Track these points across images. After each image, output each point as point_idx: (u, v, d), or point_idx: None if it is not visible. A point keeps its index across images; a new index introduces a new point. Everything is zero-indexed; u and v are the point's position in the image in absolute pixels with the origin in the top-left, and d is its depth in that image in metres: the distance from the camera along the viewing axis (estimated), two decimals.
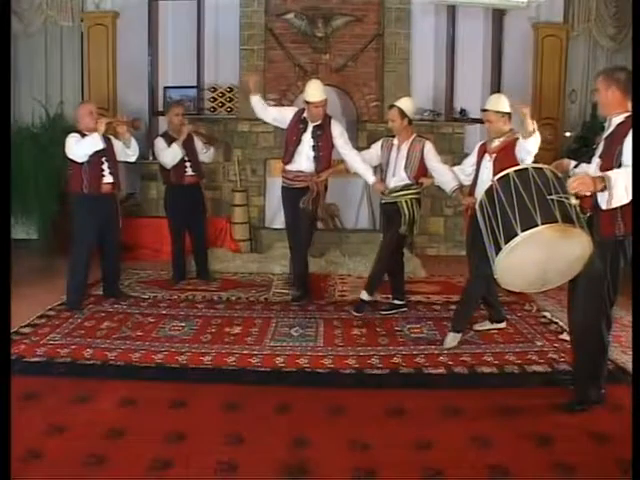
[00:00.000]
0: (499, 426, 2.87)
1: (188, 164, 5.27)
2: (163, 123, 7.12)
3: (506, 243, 2.90)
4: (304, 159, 4.75)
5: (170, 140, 5.18)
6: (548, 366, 3.59)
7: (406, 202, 4.43)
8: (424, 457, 2.60)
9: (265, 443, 2.69)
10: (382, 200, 4.62)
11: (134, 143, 4.81)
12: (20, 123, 6.39)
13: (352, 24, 6.82)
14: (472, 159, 4.22)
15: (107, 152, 4.57)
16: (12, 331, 3.92)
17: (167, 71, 7.31)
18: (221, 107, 7.16)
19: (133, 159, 4.94)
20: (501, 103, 3.99)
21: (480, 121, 7.07)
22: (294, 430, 2.80)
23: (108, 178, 4.59)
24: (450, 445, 2.69)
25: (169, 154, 5.14)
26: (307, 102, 4.71)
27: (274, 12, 6.82)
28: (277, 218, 6.98)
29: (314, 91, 4.67)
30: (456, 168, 4.41)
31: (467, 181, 4.26)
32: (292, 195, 4.84)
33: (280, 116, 4.95)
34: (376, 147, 4.68)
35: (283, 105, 6.89)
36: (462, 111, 7.17)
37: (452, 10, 7.12)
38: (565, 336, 3.87)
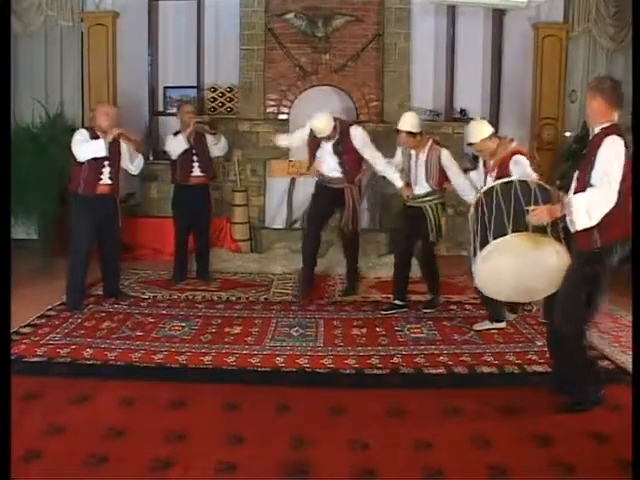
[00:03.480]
0: (499, 426, 2.87)
1: (196, 164, 5.26)
2: (163, 123, 7.16)
3: None
4: (331, 171, 4.86)
5: None
6: (548, 366, 3.57)
7: (431, 207, 4.48)
8: (424, 457, 2.60)
9: (265, 443, 2.69)
10: (406, 203, 4.63)
11: (138, 160, 4.84)
12: (20, 123, 6.39)
13: (352, 24, 6.83)
14: (480, 170, 4.22)
15: (111, 157, 4.57)
16: (12, 331, 3.92)
17: (167, 71, 7.31)
18: (221, 107, 7.16)
19: (134, 173, 4.98)
20: (482, 130, 3.95)
21: None
22: (294, 430, 2.80)
23: (106, 181, 4.59)
24: (450, 445, 2.69)
25: (173, 143, 5.16)
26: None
27: (274, 12, 6.82)
28: (277, 218, 6.99)
29: (320, 127, 4.70)
30: (473, 173, 4.40)
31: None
32: (325, 191, 4.95)
33: (302, 138, 5.05)
34: (398, 154, 4.73)
35: (283, 105, 6.93)
36: (462, 111, 7.18)
37: (452, 10, 7.12)
38: None
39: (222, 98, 7.16)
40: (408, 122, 4.42)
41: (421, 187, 4.49)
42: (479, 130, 3.97)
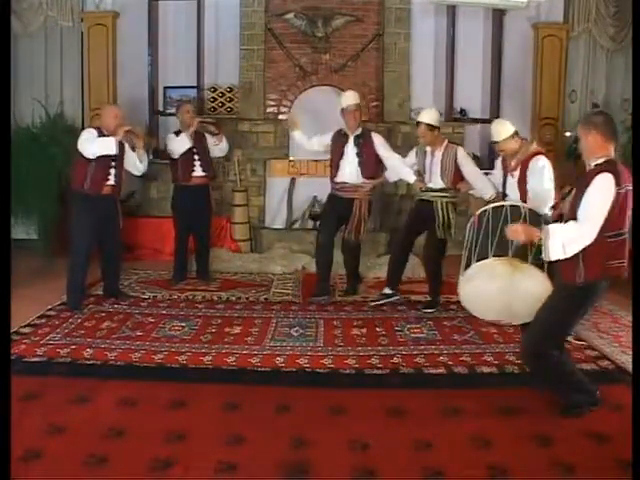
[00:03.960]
0: (499, 426, 2.87)
1: (197, 163, 5.27)
2: (163, 123, 7.15)
3: None
4: (348, 169, 4.92)
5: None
6: None
7: (442, 204, 4.52)
8: (424, 457, 2.60)
9: (265, 443, 2.69)
10: (419, 197, 4.71)
11: (146, 159, 4.88)
12: (20, 123, 6.39)
13: (352, 24, 6.83)
14: (498, 171, 4.23)
15: (117, 158, 4.58)
16: (12, 331, 3.92)
17: (167, 71, 7.30)
18: (221, 107, 7.15)
19: (140, 173, 5.00)
20: (505, 129, 3.92)
21: (480, 121, 7.13)
22: (294, 430, 2.80)
23: (111, 182, 4.60)
24: (450, 445, 2.69)
25: (176, 142, 5.17)
26: (342, 110, 4.92)
27: (274, 12, 6.82)
28: (277, 218, 6.99)
29: (346, 98, 4.95)
30: (492, 176, 4.40)
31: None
32: (337, 202, 5.03)
33: (323, 141, 5.14)
34: (411, 155, 4.80)
35: (283, 105, 6.93)
36: (462, 111, 7.17)
37: (452, 10, 7.11)
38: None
39: (222, 98, 7.15)
40: (428, 115, 4.54)
41: (435, 184, 4.55)
42: (501, 129, 3.95)
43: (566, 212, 2.93)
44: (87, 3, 6.87)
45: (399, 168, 4.83)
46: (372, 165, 4.92)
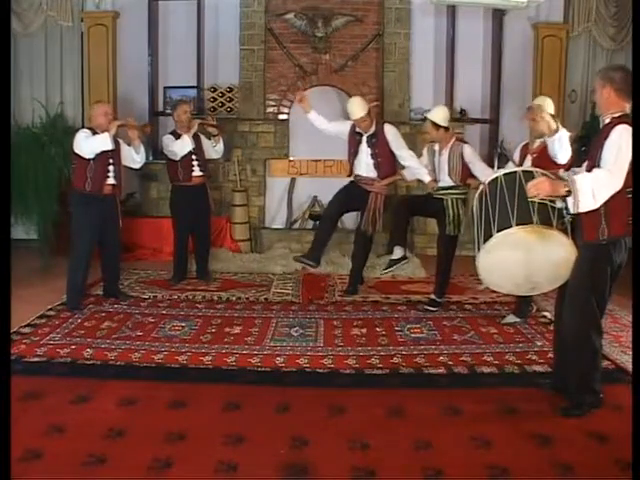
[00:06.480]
0: (499, 426, 2.87)
1: (195, 163, 5.28)
2: (163, 123, 7.16)
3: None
4: (364, 167, 4.96)
5: (178, 137, 5.20)
6: (548, 366, 3.58)
7: (452, 201, 4.54)
8: (424, 457, 2.60)
9: (265, 443, 2.69)
10: (431, 195, 4.69)
11: (143, 150, 4.88)
12: (20, 123, 6.39)
13: (352, 24, 6.84)
14: (515, 161, 4.23)
15: (114, 155, 4.59)
16: (12, 331, 3.92)
17: (167, 71, 7.30)
18: (221, 107, 7.16)
19: (139, 166, 4.99)
20: (549, 104, 3.99)
21: (480, 121, 7.13)
22: (294, 430, 2.80)
23: (111, 180, 4.61)
24: (450, 445, 2.69)
25: (178, 144, 5.16)
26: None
27: (274, 12, 6.83)
28: (277, 218, 7.00)
29: (352, 108, 4.87)
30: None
31: None
32: (352, 188, 5.05)
33: (340, 129, 5.13)
34: (424, 153, 4.83)
35: (283, 105, 6.93)
36: (462, 111, 7.17)
37: (452, 10, 7.11)
38: None
39: (222, 98, 7.15)
40: (435, 113, 4.60)
41: (444, 181, 4.59)
42: (545, 101, 4.03)
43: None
44: (87, 3, 6.88)
45: (414, 169, 4.83)
46: (387, 164, 4.94)
